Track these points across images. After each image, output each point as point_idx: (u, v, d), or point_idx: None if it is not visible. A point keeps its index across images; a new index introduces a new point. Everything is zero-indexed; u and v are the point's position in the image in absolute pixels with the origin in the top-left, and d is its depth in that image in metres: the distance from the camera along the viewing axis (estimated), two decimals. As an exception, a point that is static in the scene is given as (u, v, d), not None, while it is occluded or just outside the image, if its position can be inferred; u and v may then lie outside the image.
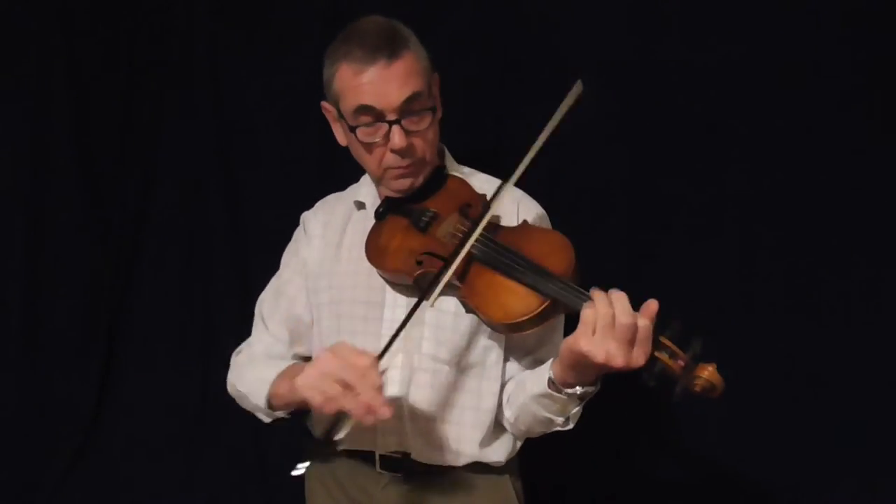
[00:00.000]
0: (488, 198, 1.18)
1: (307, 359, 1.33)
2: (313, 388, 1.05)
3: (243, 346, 1.38)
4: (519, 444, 1.29)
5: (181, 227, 1.82)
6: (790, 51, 1.56)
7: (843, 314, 1.58)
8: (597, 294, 1.01)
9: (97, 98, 1.80)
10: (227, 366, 1.37)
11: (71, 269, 1.81)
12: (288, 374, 1.18)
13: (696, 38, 1.59)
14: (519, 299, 1.08)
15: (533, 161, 1.14)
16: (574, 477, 1.68)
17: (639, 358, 0.99)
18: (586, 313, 1.00)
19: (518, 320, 1.07)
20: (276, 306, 1.35)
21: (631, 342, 0.98)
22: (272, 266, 1.41)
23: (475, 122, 1.65)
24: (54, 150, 1.79)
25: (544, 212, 1.31)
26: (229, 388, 1.34)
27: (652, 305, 1.00)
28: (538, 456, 1.36)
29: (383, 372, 1.05)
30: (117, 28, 1.80)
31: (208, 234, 1.81)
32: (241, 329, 1.41)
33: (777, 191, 1.59)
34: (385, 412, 1.01)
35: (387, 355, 1.08)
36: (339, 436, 1.07)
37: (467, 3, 1.67)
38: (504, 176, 1.18)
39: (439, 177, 1.27)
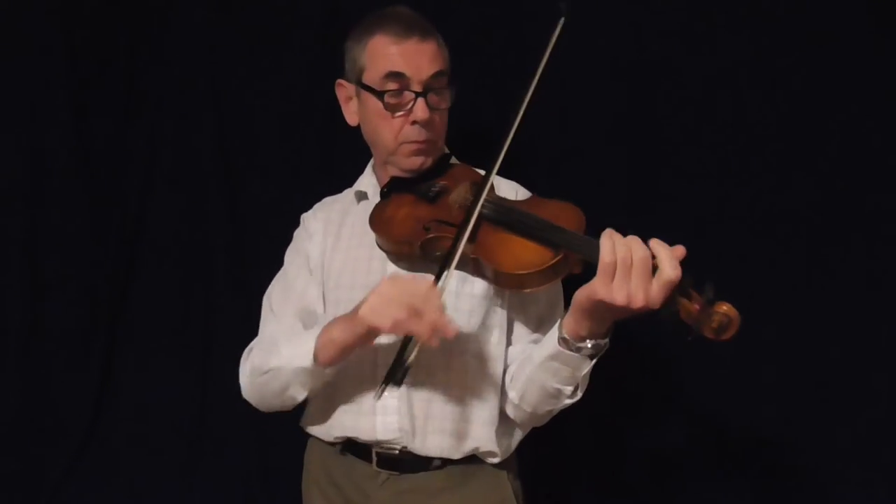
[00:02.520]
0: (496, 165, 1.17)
1: None
2: (380, 314, 1.07)
3: (254, 343, 1.33)
4: (518, 438, 1.28)
5: (181, 227, 1.82)
6: (790, 51, 1.56)
7: (843, 315, 1.58)
8: (613, 235, 1.01)
9: (97, 98, 1.80)
10: (227, 365, 1.37)
11: (71, 269, 1.81)
12: (336, 322, 1.16)
13: (696, 37, 1.60)
14: (531, 252, 1.08)
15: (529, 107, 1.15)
16: (574, 477, 1.69)
17: (658, 297, 0.98)
18: (604, 254, 0.99)
19: (529, 271, 1.07)
20: (285, 300, 1.32)
21: (650, 280, 0.98)
22: (272, 266, 1.41)
23: (474, 122, 1.65)
24: (54, 150, 1.79)
25: None
26: (246, 388, 1.30)
27: (679, 251, 1.00)
28: (537, 456, 1.37)
29: (441, 291, 1.07)
30: (117, 28, 1.80)
31: (208, 234, 1.81)
32: (241, 329, 1.41)
33: (777, 191, 1.59)
34: (451, 330, 1.04)
35: (442, 278, 1.09)
36: (410, 360, 1.07)
37: (468, 3, 1.67)
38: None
39: (445, 163, 1.30)
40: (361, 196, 1.34)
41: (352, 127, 1.32)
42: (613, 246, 0.99)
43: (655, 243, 1.00)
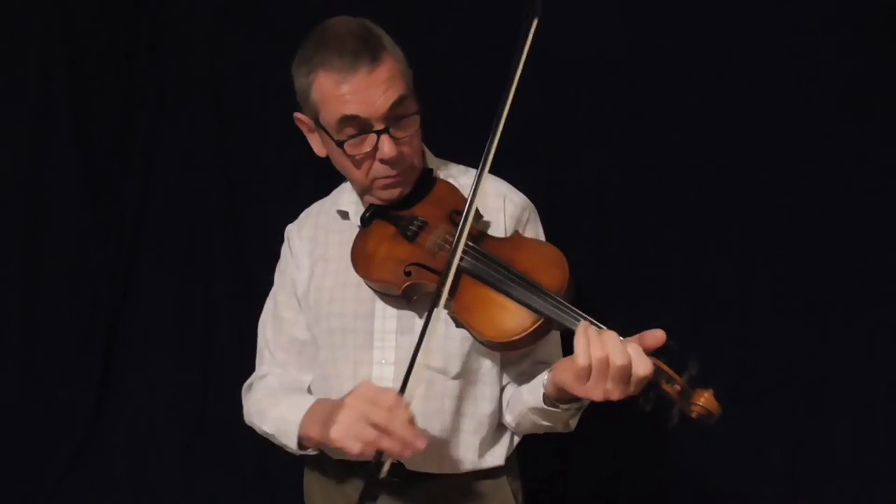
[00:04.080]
0: (468, 188, 1.12)
1: None
2: (349, 437, 1.03)
3: (254, 379, 1.32)
4: (516, 441, 1.28)
5: (181, 226, 1.83)
6: (790, 50, 1.57)
7: (844, 315, 1.58)
8: (590, 333, 0.97)
9: (97, 98, 1.81)
10: (227, 365, 1.37)
11: (71, 269, 1.81)
12: (316, 416, 1.14)
13: (694, 37, 1.60)
14: (511, 316, 1.04)
15: (504, 133, 1.09)
16: (573, 477, 1.69)
17: (636, 390, 0.97)
18: (580, 363, 0.96)
19: (511, 339, 1.04)
20: (278, 332, 1.31)
21: (627, 382, 0.96)
22: (272, 266, 1.41)
23: (473, 122, 1.65)
24: (54, 150, 1.80)
25: (530, 203, 1.28)
26: (249, 423, 1.30)
27: (658, 336, 0.97)
28: (537, 456, 1.37)
29: (408, 404, 1.04)
30: (117, 28, 1.80)
31: (208, 235, 1.81)
32: (241, 329, 1.41)
33: (776, 191, 1.59)
34: (420, 444, 1.01)
35: (408, 387, 1.05)
36: (383, 473, 1.06)
37: (464, 4, 1.67)
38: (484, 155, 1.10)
39: (427, 181, 1.22)
40: (344, 215, 1.28)
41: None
42: (588, 348, 0.96)
43: (605, 336, 0.97)
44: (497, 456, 1.24)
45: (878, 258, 1.56)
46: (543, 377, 1.10)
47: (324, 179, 1.53)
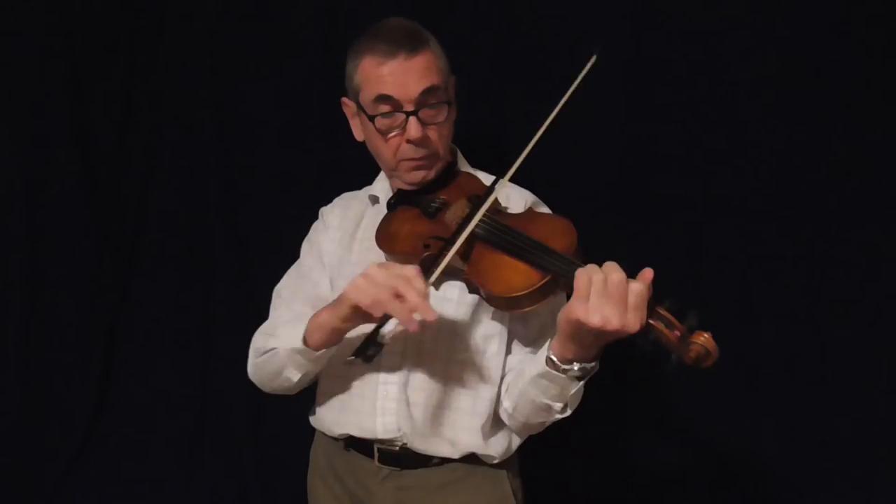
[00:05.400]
0: (497, 183, 1.21)
1: None
2: (362, 291, 1.09)
3: (263, 326, 1.35)
4: (516, 443, 1.29)
5: (181, 226, 1.82)
6: (790, 50, 1.57)
7: (843, 315, 1.58)
8: (590, 264, 1.03)
9: (97, 98, 1.80)
10: (227, 364, 1.37)
11: (71, 268, 1.81)
12: (321, 310, 1.18)
13: (694, 37, 1.60)
14: (520, 274, 1.10)
15: (542, 139, 1.17)
16: (573, 476, 1.69)
17: (634, 322, 0.99)
18: (579, 279, 1.01)
19: (519, 294, 1.09)
20: (298, 288, 1.36)
21: (625, 304, 0.99)
22: (272, 266, 1.42)
23: (476, 123, 1.65)
24: (54, 150, 1.79)
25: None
26: (250, 368, 1.34)
27: (647, 273, 1.02)
28: (537, 455, 1.37)
29: (428, 283, 1.09)
30: (117, 28, 1.80)
31: (208, 234, 1.81)
32: (242, 328, 1.41)
33: (776, 191, 1.59)
34: (431, 314, 1.04)
35: (434, 272, 1.11)
36: (385, 339, 1.12)
37: (468, 5, 1.68)
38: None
39: (450, 172, 1.31)
40: (375, 200, 1.36)
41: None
42: (589, 269, 1.01)
43: (606, 263, 1.02)
44: (496, 447, 1.26)
45: (878, 258, 1.56)
46: (546, 345, 1.12)
47: (324, 179, 1.54)
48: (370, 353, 1.12)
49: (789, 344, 1.60)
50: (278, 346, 1.24)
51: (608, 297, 0.99)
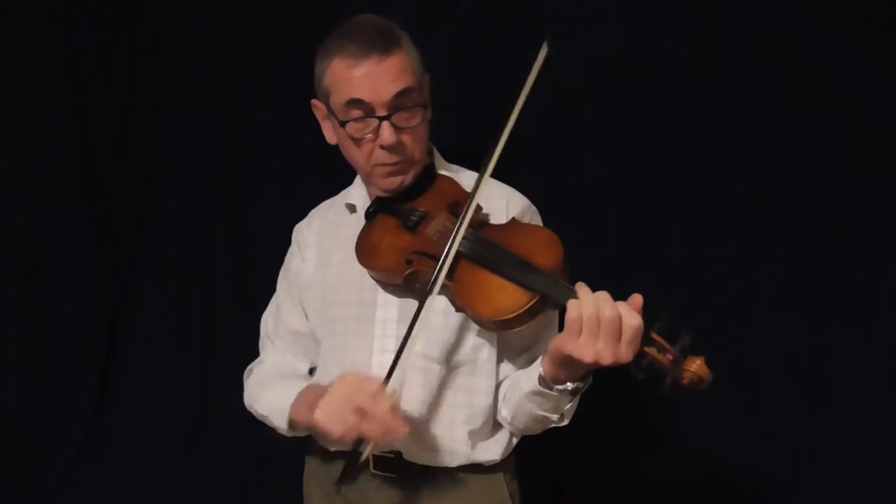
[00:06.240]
0: (471, 188, 1.16)
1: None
2: (332, 420, 1.08)
3: (253, 365, 1.40)
4: (515, 440, 1.28)
5: (181, 226, 1.82)
6: (789, 50, 1.56)
7: (843, 315, 1.58)
8: (581, 291, 1.01)
9: (97, 98, 1.81)
10: (227, 365, 1.38)
11: (71, 268, 1.81)
12: (305, 400, 1.20)
13: (694, 37, 1.60)
14: (507, 295, 1.07)
15: (508, 141, 1.13)
16: (571, 476, 1.69)
17: (627, 354, 0.99)
18: (571, 315, 0.99)
19: (507, 317, 1.07)
20: (278, 322, 1.38)
21: (618, 339, 0.98)
22: (272, 266, 1.42)
23: (473, 123, 1.65)
24: (54, 149, 1.80)
25: (533, 206, 1.31)
26: (248, 408, 1.36)
27: (636, 299, 1.01)
28: (535, 455, 1.37)
29: (393, 391, 1.08)
30: (117, 28, 1.80)
31: (208, 234, 1.81)
32: (242, 328, 1.42)
33: (775, 191, 1.59)
34: (401, 430, 1.05)
35: (395, 375, 1.09)
36: (363, 458, 1.12)
37: (463, 4, 1.67)
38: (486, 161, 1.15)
39: (429, 176, 1.26)
40: (352, 209, 1.32)
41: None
42: (582, 301, 0.99)
43: (599, 294, 1.00)
44: (493, 451, 1.25)
45: (878, 258, 1.56)
46: (539, 362, 1.11)
47: (325, 179, 1.53)
48: (356, 474, 1.15)
49: (789, 344, 1.59)
50: (266, 415, 1.29)
51: (600, 333, 0.98)
